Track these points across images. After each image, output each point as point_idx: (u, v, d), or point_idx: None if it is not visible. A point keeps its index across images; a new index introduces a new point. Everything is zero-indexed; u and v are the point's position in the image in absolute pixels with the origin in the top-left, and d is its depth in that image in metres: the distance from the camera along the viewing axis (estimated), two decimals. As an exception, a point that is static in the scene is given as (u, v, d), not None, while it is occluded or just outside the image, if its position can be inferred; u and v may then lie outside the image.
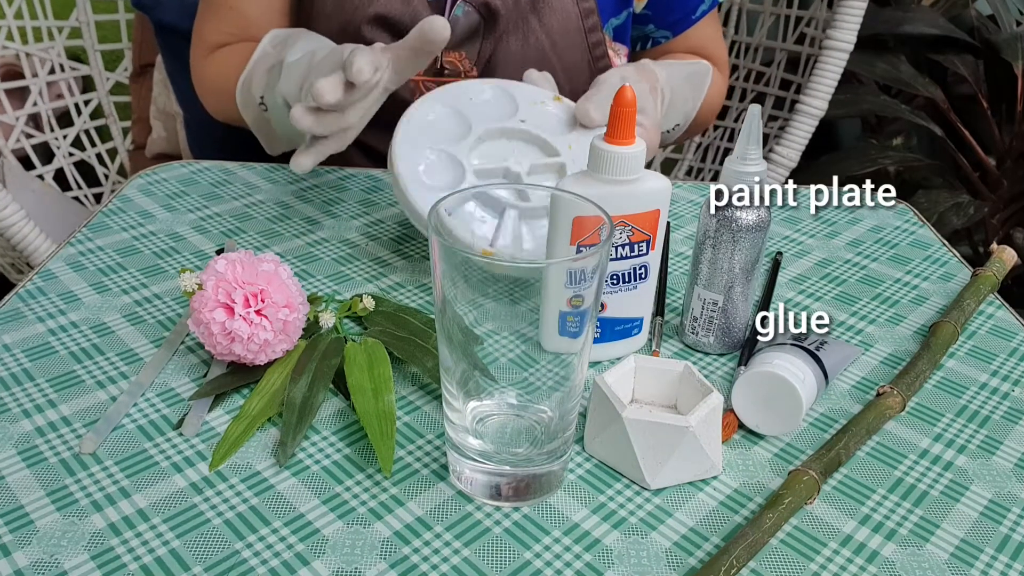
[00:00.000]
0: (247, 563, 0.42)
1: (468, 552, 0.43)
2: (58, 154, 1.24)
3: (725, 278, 0.56)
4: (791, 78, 1.24)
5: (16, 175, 1.17)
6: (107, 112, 1.28)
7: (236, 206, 0.76)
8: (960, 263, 0.73)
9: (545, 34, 0.85)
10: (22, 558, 0.41)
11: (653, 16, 0.93)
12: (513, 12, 0.84)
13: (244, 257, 0.52)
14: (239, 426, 0.49)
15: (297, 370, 0.52)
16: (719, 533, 0.45)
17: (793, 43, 1.25)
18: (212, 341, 0.51)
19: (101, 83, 1.27)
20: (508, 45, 0.85)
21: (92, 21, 1.23)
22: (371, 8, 0.81)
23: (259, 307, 0.51)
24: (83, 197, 1.28)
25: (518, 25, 0.85)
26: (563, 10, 0.86)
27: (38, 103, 1.21)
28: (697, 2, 0.93)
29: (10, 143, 1.18)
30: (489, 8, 0.83)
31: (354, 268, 0.67)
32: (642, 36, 0.95)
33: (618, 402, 0.47)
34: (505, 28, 0.84)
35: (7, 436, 0.49)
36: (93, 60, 1.25)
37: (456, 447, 0.45)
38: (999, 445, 0.52)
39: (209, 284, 0.51)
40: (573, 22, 0.86)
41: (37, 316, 0.59)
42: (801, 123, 1.14)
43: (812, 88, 1.13)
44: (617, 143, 0.50)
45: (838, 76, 1.12)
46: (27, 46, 1.19)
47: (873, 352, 0.60)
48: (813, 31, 1.22)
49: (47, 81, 1.22)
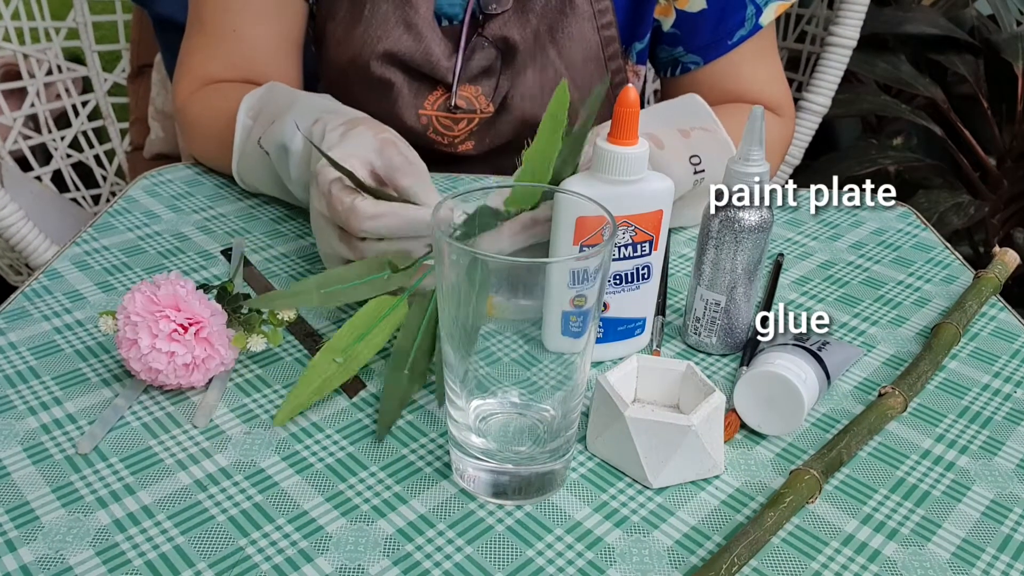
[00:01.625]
0: (251, 559, 0.42)
1: (471, 550, 0.43)
2: (56, 155, 1.24)
3: (727, 279, 0.56)
4: (792, 76, 1.24)
5: (14, 176, 1.16)
6: (105, 113, 1.28)
7: (241, 207, 0.76)
8: (962, 265, 0.73)
9: (564, 65, 0.81)
10: (28, 554, 0.41)
11: (681, 37, 0.83)
12: (532, 45, 0.80)
13: (146, 287, 0.51)
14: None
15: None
16: (721, 532, 0.45)
17: (794, 41, 1.25)
18: (148, 376, 0.51)
19: (99, 84, 1.26)
20: (525, 79, 0.81)
21: (90, 22, 1.23)
22: (381, 45, 0.78)
23: (169, 334, 0.50)
24: (81, 199, 1.28)
25: (535, 57, 0.81)
26: (583, 39, 0.81)
27: (36, 104, 1.21)
28: (734, 24, 0.81)
29: (8, 144, 1.17)
30: (508, 43, 0.80)
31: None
32: (671, 60, 0.86)
33: (620, 401, 0.47)
34: (523, 62, 0.81)
35: (13, 433, 0.49)
36: (91, 61, 1.25)
37: (459, 445, 0.46)
38: (1001, 446, 0.52)
39: (120, 323, 0.50)
40: (593, 51, 0.82)
41: (43, 315, 0.59)
42: (804, 120, 1.13)
43: (815, 85, 1.12)
44: (620, 143, 0.50)
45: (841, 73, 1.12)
46: (24, 47, 1.18)
47: (875, 353, 0.60)
48: (814, 29, 1.22)
49: (45, 82, 1.21)
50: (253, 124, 0.71)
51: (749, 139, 0.53)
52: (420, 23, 0.78)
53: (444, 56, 0.80)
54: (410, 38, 0.78)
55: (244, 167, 0.74)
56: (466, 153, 0.85)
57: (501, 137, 0.84)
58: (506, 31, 0.80)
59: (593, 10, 0.81)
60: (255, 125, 0.71)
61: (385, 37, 0.78)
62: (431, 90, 0.82)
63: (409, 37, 0.78)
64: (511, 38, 0.79)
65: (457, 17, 0.80)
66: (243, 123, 0.72)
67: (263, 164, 0.70)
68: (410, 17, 0.78)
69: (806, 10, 1.24)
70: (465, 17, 0.80)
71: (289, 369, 0.55)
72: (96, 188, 1.30)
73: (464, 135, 0.84)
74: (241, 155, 0.73)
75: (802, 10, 1.25)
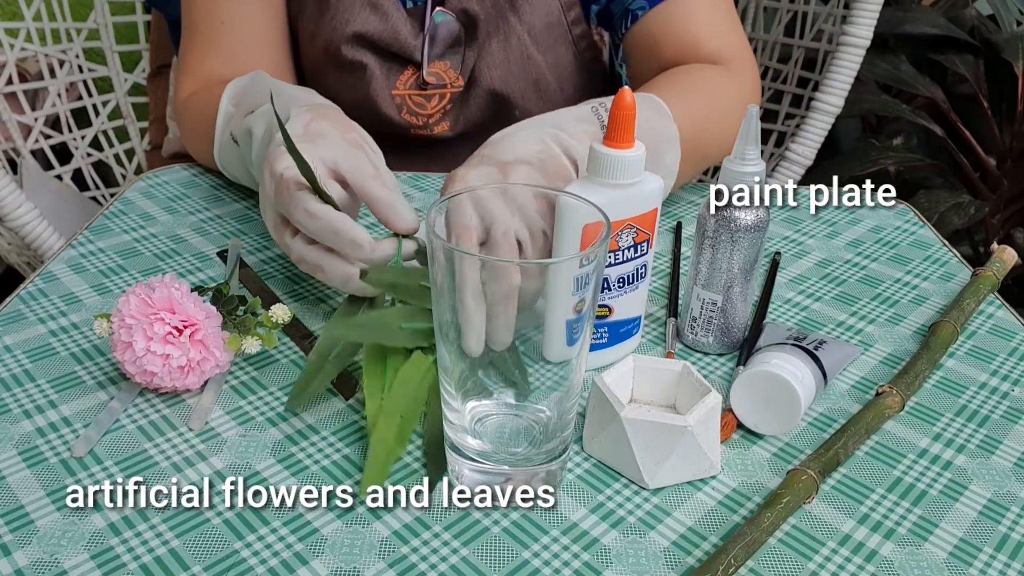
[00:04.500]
0: (246, 562, 0.42)
1: (467, 551, 0.43)
2: (76, 155, 1.26)
3: (724, 278, 0.56)
4: (808, 75, 1.22)
5: (34, 175, 1.18)
6: (125, 113, 1.30)
7: (237, 208, 0.76)
8: (960, 263, 0.73)
9: (526, 32, 0.82)
10: (22, 558, 0.41)
11: None
12: (492, 14, 0.81)
13: (140, 289, 0.51)
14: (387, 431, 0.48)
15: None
16: (717, 532, 0.45)
17: (811, 40, 1.23)
18: (143, 379, 0.51)
19: (119, 84, 1.28)
20: (491, 49, 0.82)
21: (110, 23, 1.24)
22: (349, 28, 0.80)
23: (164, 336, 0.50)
24: (100, 197, 1.29)
25: (498, 27, 0.82)
26: (542, 5, 0.82)
27: (56, 104, 1.23)
28: None
29: (29, 143, 1.19)
30: (468, 14, 0.81)
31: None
32: (622, 12, 0.83)
33: (617, 402, 0.47)
34: (486, 32, 0.82)
35: (8, 436, 0.49)
36: (111, 61, 1.27)
37: (455, 447, 0.46)
38: (998, 444, 0.52)
39: (115, 326, 0.50)
40: (555, 16, 0.83)
41: (38, 317, 0.59)
42: (817, 120, 1.12)
43: (827, 85, 1.11)
44: (618, 147, 0.50)
45: (854, 73, 1.10)
46: (46, 47, 1.21)
47: (872, 352, 0.60)
48: (831, 28, 1.20)
49: (65, 82, 1.23)
50: (235, 111, 0.72)
51: (744, 138, 0.53)
52: (384, 3, 0.81)
53: (411, 35, 0.82)
54: (376, 18, 0.80)
55: (223, 154, 0.74)
56: (442, 135, 0.86)
57: (473, 113, 0.85)
58: (465, 3, 0.81)
59: None
60: (236, 112, 0.72)
61: (352, 20, 0.80)
62: (402, 70, 0.83)
63: (375, 17, 0.80)
64: (471, 10, 0.81)
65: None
66: (225, 109, 0.73)
67: (236, 152, 0.71)
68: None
69: (823, 8, 1.22)
70: None
71: (284, 371, 0.55)
72: (116, 187, 1.32)
73: (438, 114, 0.85)
74: (220, 144, 0.73)
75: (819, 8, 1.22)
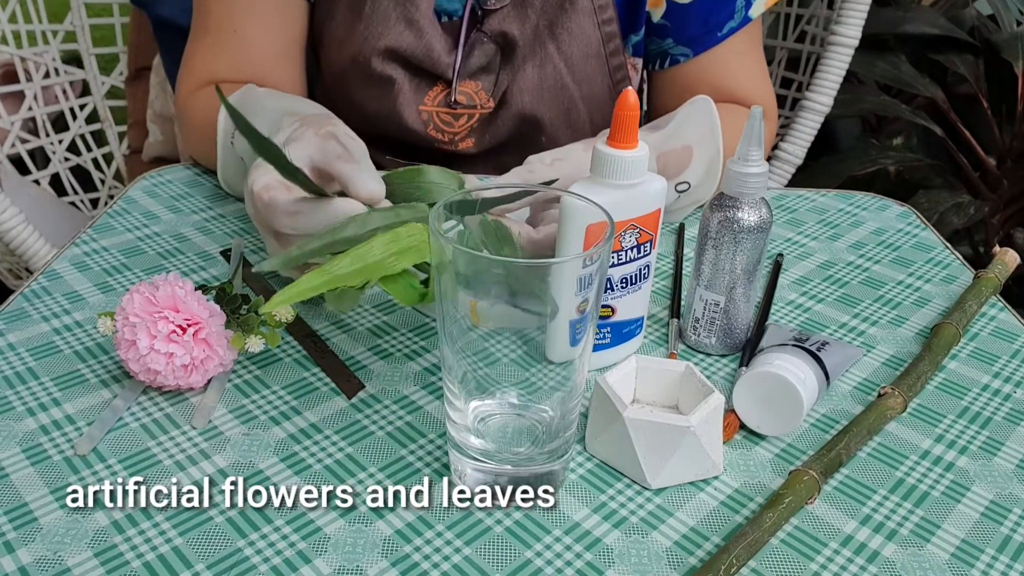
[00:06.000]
0: (249, 560, 0.42)
1: (469, 551, 0.43)
2: (54, 159, 1.24)
3: (727, 279, 0.56)
4: (792, 76, 1.24)
5: (12, 180, 1.16)
6: (103, 116, 1.28)
7: (240, 208, 0.76)
8: (962, 265, 0.73)
9: (563, 61, 0.81)
10: (26, 555, 0.41)
11: (671, 28, 0.83)
12: (531, 39, 0.80)
13: (144, 288, 0.51)
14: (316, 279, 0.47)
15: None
16: (719, 533, 0.45)
17: (794, 41, 1.25)
18: (147, 377, 0.51)
19: (96, 87, 1.26)
20: (525, 74, 0.81)
21: (87, 25, 1.22)
22: (382, 41, 0.78)
23: (167, 335, 0.50)
24: (79, 202, 1.27)
25: (535, 52, 0.81)
26: (583, 35, 0.81)
27: (33, 107, 1.20)
28: (724, 16, 0.80)
29: (5, 148, 1.17)
30: (507, 38, 0.80)
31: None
32: (660, 52, 0.86)
33: (619, 402, 0.47)
34: (522, 57, 0.80)
35: (11, 434, 0.49)
36: (88, 64, 1.24)
37: (457, 446, 0.46)
38: (1000, 446, 0.52)
39: (119, 324, 0.50)
40: (593, 47, 0.81)
41: (42, 316, 0.59)
42: (806, 120, 1.13)
43: (817, 85, 1.12)
44: (622, 147, 0.50)
45: (843, 72, 1.12)
46: (22, 50, 1.18)
47: (875, 353, 0.60)
48: (814, 29, 1.22)
49: (42, 85, 1.21)
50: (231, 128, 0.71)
51: (748, 139, 0.53)
52: (421, 19, 0.79)
53: (444, 52, 0.80)
54: (411, 34, 0.78)
55: (227, 173, 0.74)
56: (467, 151, 0.85)
57: (500, 134, 0.84)
58: (505, 26, 0.80)
59: (593, 6, 0.80)
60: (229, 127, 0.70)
61: (386, 33, 0.78)
62: (431, 86, 0.82)
63: (410, 33, 0.78)
64: (510, 33, 0.80)
65: (457, 13, 0.80)
66: (223, 127, 0.72)
67: (238, 169, 0.70)
68: (411, 13, 0.78)
69: (806, 10, 1.24)
70: (465, 13, 0.80)
71: (288, 370, 0.55)
72: (94, 192, 1.30)
73: (464, 132, 0.84)
74: (223, 163, 0.73)
75: (802, 10, 1.24)
